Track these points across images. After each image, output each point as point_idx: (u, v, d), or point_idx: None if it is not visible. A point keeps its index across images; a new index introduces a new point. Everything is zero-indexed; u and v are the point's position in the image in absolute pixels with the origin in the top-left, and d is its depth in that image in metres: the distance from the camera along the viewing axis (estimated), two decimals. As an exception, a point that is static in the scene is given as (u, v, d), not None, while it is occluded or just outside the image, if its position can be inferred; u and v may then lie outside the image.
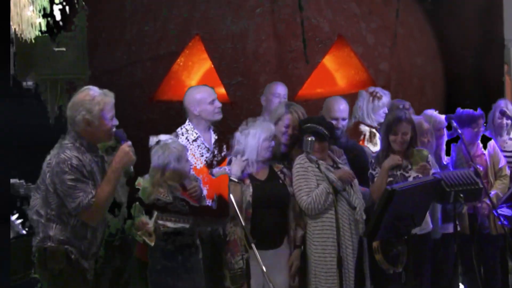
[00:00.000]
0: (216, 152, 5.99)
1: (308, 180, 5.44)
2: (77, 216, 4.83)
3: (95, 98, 4.82)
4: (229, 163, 5.58)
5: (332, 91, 6.05)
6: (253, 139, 5.43)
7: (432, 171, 5.81)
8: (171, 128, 5.56)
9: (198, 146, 5.93)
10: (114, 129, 4.91)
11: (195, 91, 5.99)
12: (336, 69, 6.08)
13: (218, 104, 5.96)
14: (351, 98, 5.99)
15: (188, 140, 5.90)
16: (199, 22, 6.12)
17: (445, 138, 6.34)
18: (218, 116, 5.96)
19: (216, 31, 6.08)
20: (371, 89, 6.54)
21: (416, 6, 6.60)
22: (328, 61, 5.87)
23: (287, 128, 5.72)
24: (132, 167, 4.97)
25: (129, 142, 4.97)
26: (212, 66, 6.16)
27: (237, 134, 5.50)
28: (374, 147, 6.28)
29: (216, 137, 5.99)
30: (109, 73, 6.24)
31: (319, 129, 5.49)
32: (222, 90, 5.96)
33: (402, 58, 6.06)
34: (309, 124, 5.50)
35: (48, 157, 4.90)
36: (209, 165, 5.82)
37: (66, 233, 4.84)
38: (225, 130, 5.49)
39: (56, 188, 4.80)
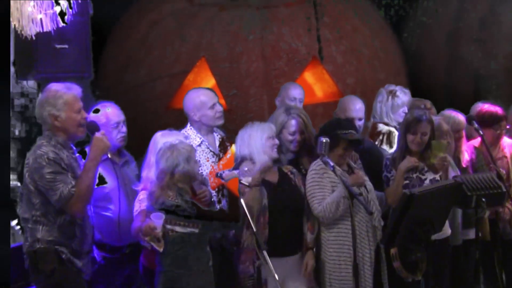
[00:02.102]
0: (221, 155, 5.79)
1: (322, 188, 5.21)
2: (61, 209, 4.69)
3: (58, 92, 4.77)
4: (237, 166, 5.30)
5: (312, 100, 6.95)
6: (256, 140, 5.24)
7: (452, 174, 5.57)
8: (183, 131, 5.81)
9: (203, 151, 5.72)
10: (85, 122, 4.83)
11: (194, 95, 5.78)
12: (314, 83, 7.14)
13: (219, 108, 5.74)
14: (326, 107, 6.77)
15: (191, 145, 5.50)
16: (205, 47, 7.11)
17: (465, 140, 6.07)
18: (220, 121, 5.75)
19: (217, 54, 7.06)
20: (390, 87, 6.36)
21: (385, 31, 7.69)
22: (308, 77, 6.98)
23: (294, 135, 5.47)
24: (109, 154, 5.01)
25: (102, 131, 4.93)
26: (215, 81, 7.00)
27: (238, 140, 5.31)
28: (391, 149, 6.01)
29: (220, 139, 5.83)
30: (136, 87, 7.23)
31: (354, 135, 5.28)
32: (222, 101, 6.48)
33: (367, 74, 7.10)
34: (346, 132, 5.23)
35: (26, 160, 4.81)
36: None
37: (54, 233, 4.72)
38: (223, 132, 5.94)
39: (36, 185, 4.69)
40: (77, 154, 5.01)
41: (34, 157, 4.69)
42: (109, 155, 5.34)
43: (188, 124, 5.77)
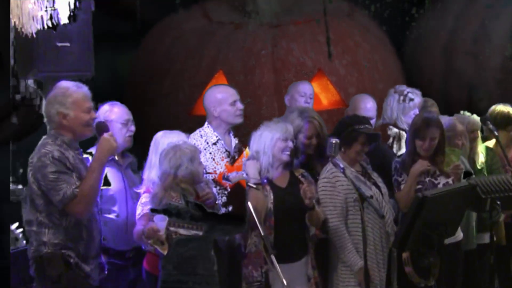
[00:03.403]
0: (236, 157, 5.58)
1: (333, 197, 5.03)
2: (64, 211, 4.44)
3: (68, 90, 4.54)
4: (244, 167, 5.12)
5: (318, 108, 7.28)
6: (267, 140, 5.00)
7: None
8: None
9: (218, 149, 5.48)
10: (94, 122, 4.61)
11: (216, 90, 5.62)
12: (319, 92, 7.68)
13: (240, 105, 5.53)
14: (330, 114, 7.17)
15: (207, 143, 5.46)
16: (221, 61, 7.63)
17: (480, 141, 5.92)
18: (239, 120, 5.52)
19: (233, 67, 7.58)
20: (401, 87, 6.16)
21: (384, 45, 8.22)
22: (314, 87, 7.39)
23: (310, 139, 5.32)
24: (116, 156, 4.70)
25: (110, 132, 4.67)
26: (231, 91, 7.66)
27: (252, 137, 5.12)
28: (399, 152, 5.84)
29: (237, 141, 5.67)
30: (161, 96, 7.75)
31: (371, 129, 5.13)
32: (238, 107, 7.26)
33: (366, 84, 7.60)
34: (362, 126, 5.06)
35: (29, 159, 4.56)
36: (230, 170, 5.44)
37: (60, 236, 4.46)
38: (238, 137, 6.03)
39: (39, 185, 4.44)
40: (85, 156, 4.80)
41: (38, 156, 4.46)
42: (116, 157, 5.17)
43: (206, 122, 5.60)
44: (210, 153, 5.47)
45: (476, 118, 6.00)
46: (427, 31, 8.69)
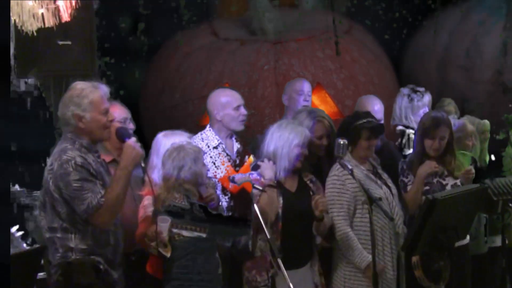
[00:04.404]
0: (237, 162, 5.46)
1: (341, 195, 4.91)
2: (88, 221, 4.21)
3: (84, 91, 4.27)
4: (254, 168, 5.00)
5: None
6: (284, 143, 4.85)
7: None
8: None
9: (219, 153, 5.34)
10: (112, 126, 4.39)
11: (220, 94, 5.44)
12: (318, 104, 7.77)
13: (243, 111, 5.37)
14: None
15: (208, 146, 5.32)
16: (227, 75, 7.91)
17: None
18: (241, 126, 5.38)
19: (238, 80, 7.83)
20: (410, 86, 6.10)
21: (380, 61, 8.48)
22: (313, 99, 7.44)
23: (320, 139, 5.18)
24: (143, 163, 4.31)
25: (134, 138, 4.39)
26: (236, 103, 7.88)
27: (267, 136, 4.95)
28: (408, 152, 5.72)
29: (239, 146, 5.53)
30: (171, 107, 8.05)
31: (373, 122, 4.95)
32: (242, 118, 7.42)
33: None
34: (364, 120, 4.92)
35: (48, 163, 4.31)
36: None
37: (88, 241, 4.25)
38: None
39: (62, 193, 4.18)
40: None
41: (60, 163, 4.19)
42: (117, 158, 4.86)
43: (208, 125, 5.48)
44: (211, 157, 5.36)
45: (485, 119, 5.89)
46: (423, 47, 8.97)
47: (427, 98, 6.03)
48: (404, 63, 9.13)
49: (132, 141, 4.34)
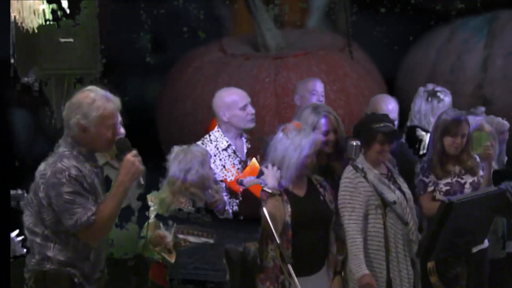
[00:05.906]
0: (249, 163, 5.26)
1: (353, 198, 4.76)
2: (75, 235, 4.01)
3: (95, 101, 3.99)
4: (260, 174, 4.79)
5: None
6: (295, 151, 4.64)
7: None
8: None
9: (229, 155, 5.18)
10: (116, 139, 4.07)
11: (225, 93, 5.21)
12: None
13: (251, 110, 5.15)
14: None
15: (217, 148, 5.12)
16: (233, 86, 7.23)
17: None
18: (251, 124, 5.14)
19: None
20: (430, 86, 5.83)
21: (370, 75, 8.97)
22: None
23: (327, 135, 4.99)
24: (142, 179, 4.08)
25: (134, 152, 4.08)
26: (240, 112, 8.47)
27: (277, 139, 4.75)
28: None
29: (249, 146, 5.36)
30: (183, 115, 8.61)
31: (390, 127, 4.75)
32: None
33: (353, 107, 8.47)
34: (381, 124, 4.72)
35: (42, 166, 4.07)
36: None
37: (67, 253, 4.07)
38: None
39: (51, 202, 3.98)
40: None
41: (54, 171, 3.98)
42: (109, 160, 4.72)
43: (216, 126, 5.29)
44: (220, 159, 5.24)
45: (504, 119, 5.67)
46: (414, 63, 9.52)
47: (448, 98, 5.84)
48: (397, 78, 9.66)
49: (132, 155, 4.08)
